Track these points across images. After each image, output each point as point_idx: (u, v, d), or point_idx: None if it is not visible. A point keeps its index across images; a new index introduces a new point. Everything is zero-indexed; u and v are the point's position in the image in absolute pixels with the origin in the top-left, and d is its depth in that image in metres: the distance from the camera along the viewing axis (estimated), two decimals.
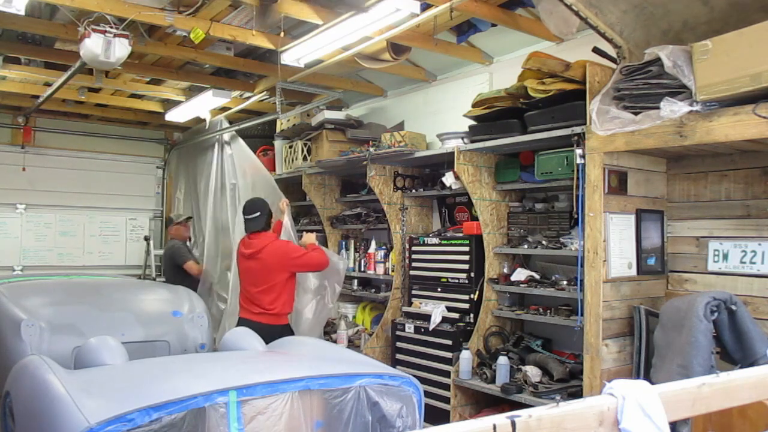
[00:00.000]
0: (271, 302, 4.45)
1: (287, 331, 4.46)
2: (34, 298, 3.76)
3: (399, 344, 4.77)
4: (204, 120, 6.72)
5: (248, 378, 2.30)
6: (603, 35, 3.22)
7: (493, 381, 3.96)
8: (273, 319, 4.45)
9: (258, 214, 4.62)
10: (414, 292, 4.92)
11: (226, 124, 6.65)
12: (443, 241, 4.69)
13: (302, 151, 5.93)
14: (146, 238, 7.95)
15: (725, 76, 2.61)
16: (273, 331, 4.09)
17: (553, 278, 4.03)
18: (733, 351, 2.83)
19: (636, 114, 2.98)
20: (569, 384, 3.68)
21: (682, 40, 3.02)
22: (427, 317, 4.52)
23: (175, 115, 6.88)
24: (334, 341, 5.27)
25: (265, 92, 6.06)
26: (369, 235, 5.86)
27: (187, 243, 6.72)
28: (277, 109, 5.56)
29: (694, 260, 3.41)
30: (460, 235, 4.58)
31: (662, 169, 3.55)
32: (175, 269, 6.22)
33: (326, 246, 5.83)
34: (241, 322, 4.47)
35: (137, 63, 5.56)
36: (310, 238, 4.85)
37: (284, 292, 4.51)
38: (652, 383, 1.28)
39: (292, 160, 6.13)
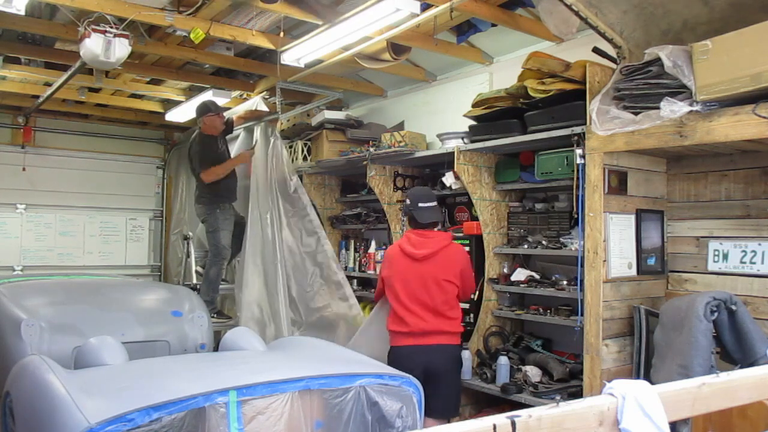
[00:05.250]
0: (447, 317, 3.54)
1: (458, 352, 3.69)
2: (34, 298, 3.76)
3: None
4: None
5: (248, 378, 2.30)
6: (603, 35, 3.22)
7: (493, 381, 3.96)
8: (450, 339, 3.55)
9: (436, 203, 3.75)
10: None
11: None
12: None
13: (302, 151, 5.93)
14: (186, 237, 6.51)
15: (725, 76, 2.61)
16: (455, 352, 3.57)
17: (553, 278, 4.03)
18: (733, 351, 2.83)
19: (636, 114, 2.98)
20: (569, 384, 3.68)
21: (682, 40, 3.02)
22: None
23: (175, 115, 6.88)
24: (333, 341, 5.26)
25: (265, 92, 6.06)
26: (369, 235, 5.86)
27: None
28: (277, 109, 5.56)
29: (694, 260, 3.41)
30: (460, 235, 4.58)
31: (662, 169, 3.55)
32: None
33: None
34: (401, 351, 3.50)
35: (137, 63, 5.56)
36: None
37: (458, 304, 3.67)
38: (652, 383, 1.28)
39: (293, 160, 6.13)
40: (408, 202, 3.71)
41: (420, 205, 3.63)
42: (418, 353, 3.44)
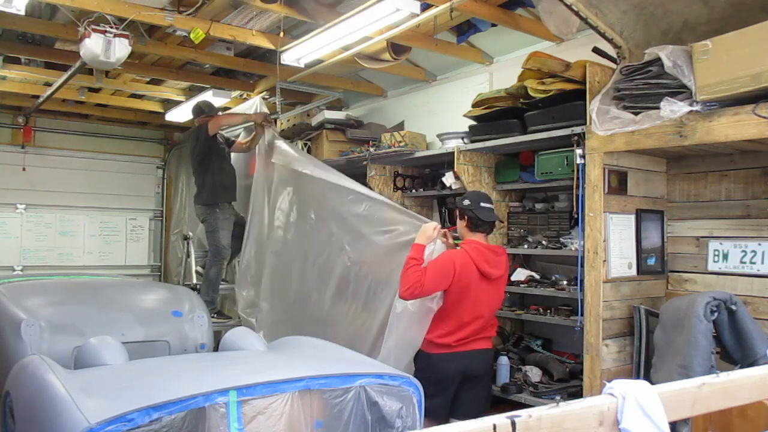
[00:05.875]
0: (492, 324, 3.53)
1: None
2: (34, 298, 3.76)
3: None
4: None
5: (248, 378, 2.29)
6: (603, 35, 3.22)
7: (493, 381, 3.96)
8: (489, 343, 3.55)
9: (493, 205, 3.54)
10: None
11: None
12: None
13: (302, 151, 5.92)
14: (186, 237, 6.31)
15: (725, 76, 2.61)
16: (492, 356, 3.64)
17: (553, 278, 4.03)
18: (733, 351, 2.83)
19: (636, 114, 2.98)
20: (569, 384, 3.68)
21: (682, 40, 3.02)
22: None
23: (175, 115, 6.88)
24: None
25: (265, 92, 6.06)
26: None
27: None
28: (277, 109, 5.56)
29: (694, 260, 3.41)
30: None
31: (662, 169, 3.55)
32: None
33: None
34: (441, 357, 3.37)
35: (137, 63, 5.56)
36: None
37: None
38: (652, 383, 1.28)
39: None
40: (468, 202, 3.45)
41: (482, 204, 3.43)
42: (459, 358, 3.36)
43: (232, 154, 5.84)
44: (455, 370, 3.33)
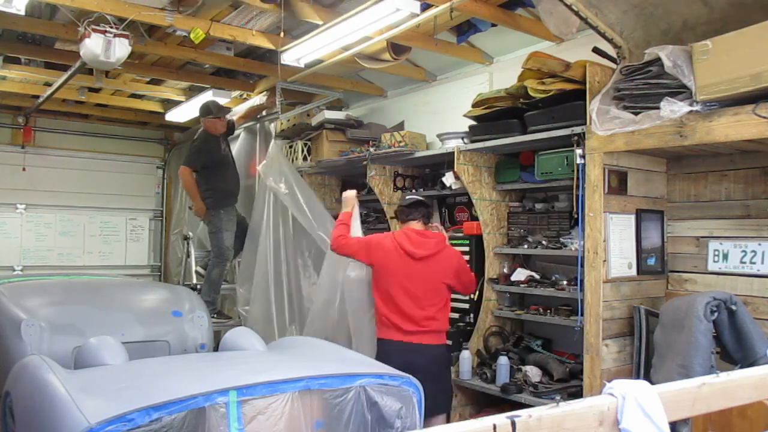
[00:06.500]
0: (434, 318, 3.64)
1: (446, 352, 3.82)
2: (34, 298, 3.76)
3: None
4: None
5: (248, 378, 2.29)
6: (603, 35, 3.22)
7: (493, 381, 3.96)
8: (435, 338, 3.64)
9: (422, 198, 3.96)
10: None
11: None
12: None
13: (302, 151, 5.92)
14: (186, 237, 6.33)
15: (725, 76, 2.61)
16: (439, 352, 3.65)
17: (553, 278, 4.03)
18: (733, 351, 2.83)
19: (636, 114, 2.98)
20: (569, 384, 3.68)
21: (682, 40, 3.02)
22: None
23: (175, 115, 6.88)
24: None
25: (265, 92, 6.06)
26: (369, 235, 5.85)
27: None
28: (277, 109, 5.56)
29: (694, 260, 3.41)
30: (460, 235, 4.58)
31: (662, 169, 3.55)
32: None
33: None
34: (389, 346, 3.62)
35: (137, 63, 5.56)
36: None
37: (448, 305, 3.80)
38: (652, 383, 1.28)
39: (292, 160, 6.13)
40: (398, 206, 4.04)
41: (407, 198, 3.97)
42: (402, 351, 3.50)
43: (235, 156, 5.88)
44: (398, 362, 3.03)
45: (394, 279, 3.64)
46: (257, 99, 6.10)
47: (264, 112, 6.19)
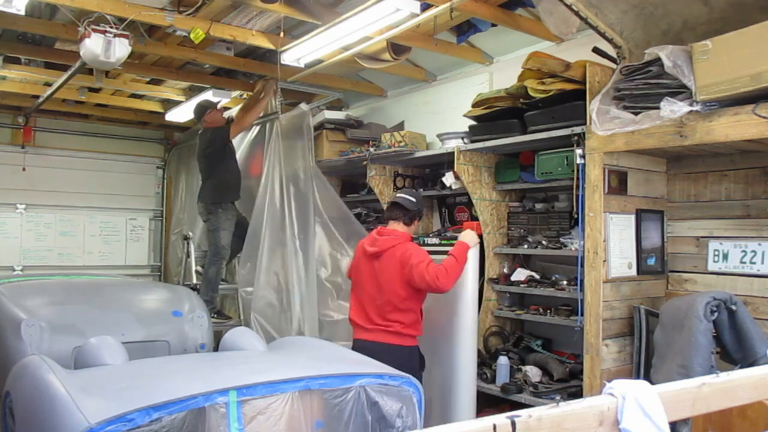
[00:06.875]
0: (389, 319, 3.53)
1: (416, 355, 3.61)
2: (34, 298, 3.76)
3: None
4: None
5: (248, 378, 2.30)
6: (603, 35, 3.22)
7: (493, 381, 3.96)
8: (394, 338, 3.52)
9: (412, 199, 3.77)
10: None
11: None
12: (443, 241, 4.67)
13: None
14: (186, 237, 6.24)
15: (725, 76, 2.61)
16: (400, 352, 3.45)
17: (553, 278, 4.03)
18: (733, 351, 2.83)
19: (636, 114, 2.98)
20: (569, 384, 3.68)
21: (682, 40, 3.02)
22: None
23: (175, 115, 6.88)
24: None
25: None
26: None
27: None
28: (277, 109, 5.56)
29: (694, 260, 3.41)
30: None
31: (662, 169, 3.55)
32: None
33: None
34: (356, 344, 3.59)
35: (137, 63, 5.56)
36: (467, 235, 3.78)
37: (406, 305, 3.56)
38: (652, 383, 1.28)
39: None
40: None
41: (397, 196, 3.86)
42: (367, 349, 3.32)
43: (238, 155, 5.85)
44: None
45: (357, 278, 3.74)
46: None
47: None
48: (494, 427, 1.06)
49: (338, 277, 5.19)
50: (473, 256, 3.80)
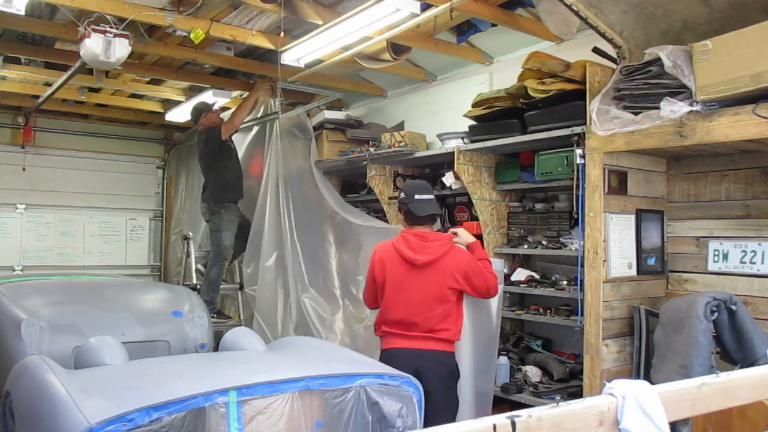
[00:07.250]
0: (438, 329, 3.20)
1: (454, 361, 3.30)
2: (34, 298, 3.76)
3: None
4: None
5: (248, 378, 2.30)
6: (603, 35, 3.22)
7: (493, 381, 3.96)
8: (442, 345, 3.21)
9: (434, 196, 3.37)
10: None
11: None
12: None
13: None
14: (186, 237, 6.16)
15: (725, 76, 2.61)
16: (446, 360, 3.20)
17: (553, 278, 4.03)
18: (733, 351, 2.83)
19: (636, 114, 2.98)
20: (569, 384, 3.68)
21: (682, 40, 3.02)
22: None
23: (175, 115, 6.88)
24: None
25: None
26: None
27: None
28: (277, 109, 5.56)
29: (694, 260, 3.41)
30: None
31: (662, 169, 3.55)
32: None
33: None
34: (391, 353, 3.21)
35: (137, 63, 5.56)
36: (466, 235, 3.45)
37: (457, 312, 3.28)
38: (652, 383, 1.28)
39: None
40: (403, 195, 3.34)
41: (417, 197, 3.29)
42: (408, 356, 3.14)
43: (240, 154, 5.87)
44: (404, 368, 2.83)
45: (394, 285, 3.27)
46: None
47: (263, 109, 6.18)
48: (494, 427, 1.06)
49: (338, 278, 5.20)
50: None
